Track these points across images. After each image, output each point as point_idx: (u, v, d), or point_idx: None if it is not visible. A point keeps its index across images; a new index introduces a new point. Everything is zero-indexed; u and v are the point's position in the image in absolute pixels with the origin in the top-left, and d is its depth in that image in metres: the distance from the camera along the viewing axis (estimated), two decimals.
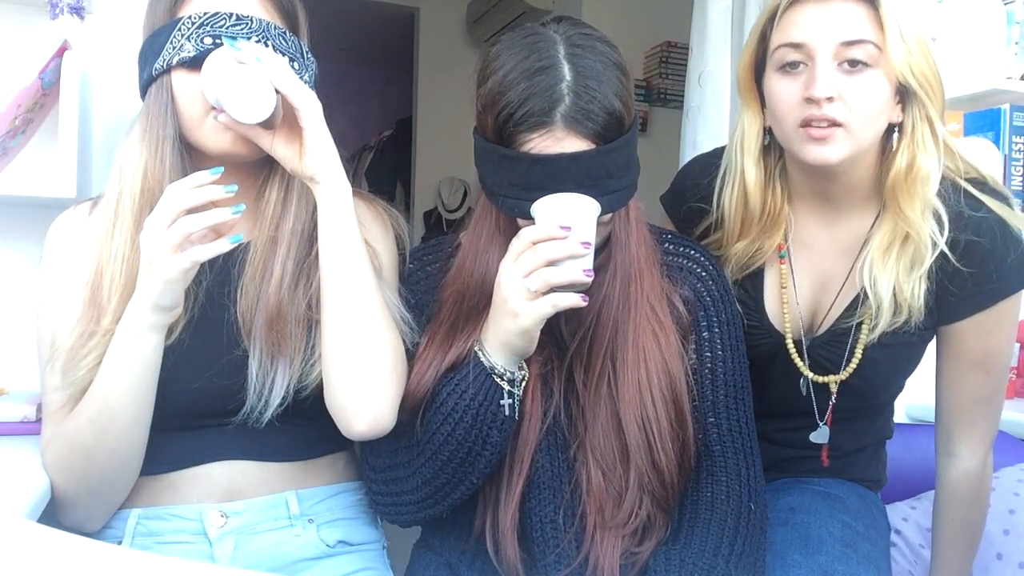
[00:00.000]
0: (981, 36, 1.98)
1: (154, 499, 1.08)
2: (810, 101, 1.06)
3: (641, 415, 1.03)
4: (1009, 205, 1.13)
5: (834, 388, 1.22)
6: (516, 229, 1.02)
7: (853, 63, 1.05)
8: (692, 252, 1.15)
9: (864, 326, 1.17)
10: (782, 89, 1.10)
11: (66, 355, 1.01)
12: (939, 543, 1.27)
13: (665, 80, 3.75)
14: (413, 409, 1.04)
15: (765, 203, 1.20)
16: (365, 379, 1.01)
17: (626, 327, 1.04)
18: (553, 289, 0.93)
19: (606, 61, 0.98)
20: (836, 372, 1.21)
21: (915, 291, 1.11)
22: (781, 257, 1.23)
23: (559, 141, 0.96)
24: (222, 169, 0.92)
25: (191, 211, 0.91)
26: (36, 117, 1.37)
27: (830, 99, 1.04)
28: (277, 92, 0.95)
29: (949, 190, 1.12)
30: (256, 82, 0.94)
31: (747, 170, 1.19)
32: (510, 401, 0.99)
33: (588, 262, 0.95)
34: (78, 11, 1.34)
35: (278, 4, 1.07)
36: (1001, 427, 1.50)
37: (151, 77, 1.03)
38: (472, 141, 1.07)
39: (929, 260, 1.10)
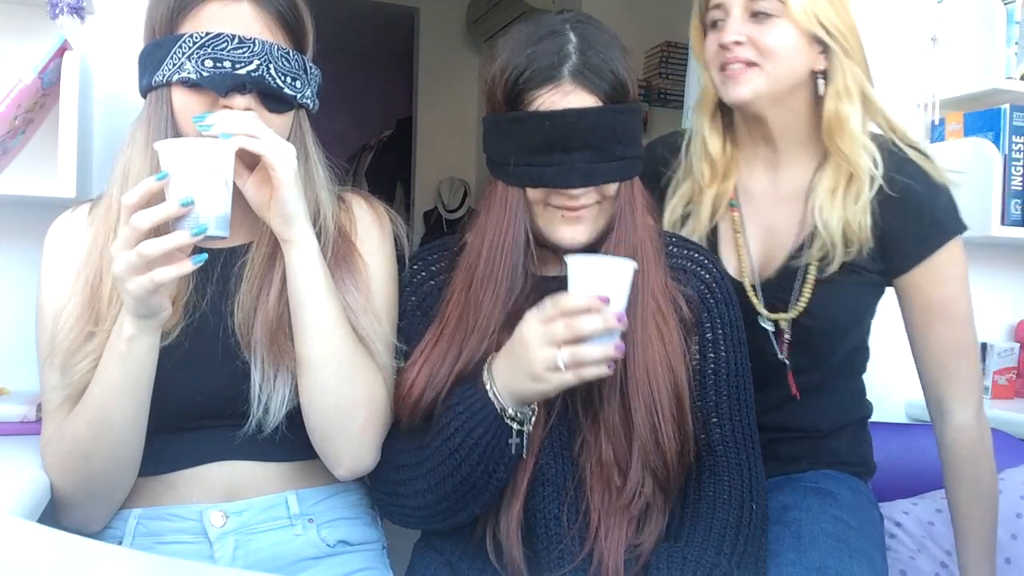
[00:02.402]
0: (981, 36, 1.98)
1: (154, 499, 1.08)
2: (723, 47, 1.22)
3: (648, 394, 1.03)
4: (930, 161, 1.26)
5: (786, 327, 1.28)
6: (525, 209, 1.03)
7: (758, 14, 1.21)
8: (696, 255, 1.16)
9: (812, 267, 1.25)
10: (709, 42, 1.26)
11: (64, 355, 1.01)
12: (957, 515, 1.27)
13: (665, 80, 3.74)
14: (422, 413, 1.03)
15: (724, 151, 1.33)
16: (338, 433, 1.04)
17: (634, 307, 1.04)
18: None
19: (608, 39, 1.03)
20: (786, 311, 1.28)
21: (862, 223, 1.22)
22: (732, 206, 1.33)
23: (567, 95, 0.99)
24: (166, 174, 0.90)
25: (153, 230, 0.89)
26: (36, 117, 1.37)
27: (738, 43, 1.20)
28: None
29: (880, 140, 1.25)
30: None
31: (703, 123, 1.33)
32: (518, 440, 0.98)
33: (618, 332, 0.93)
34: (78, 11, 1.34)
35: (283, 22, 1.05)
36: (1002, 427, 1.49)
37: (150, 86, 1.03)
38: (472, 141, 1.09)
39: (869, 186, 1.21)
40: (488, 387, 0.98)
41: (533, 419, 1.00)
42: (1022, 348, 2.05)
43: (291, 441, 1.07)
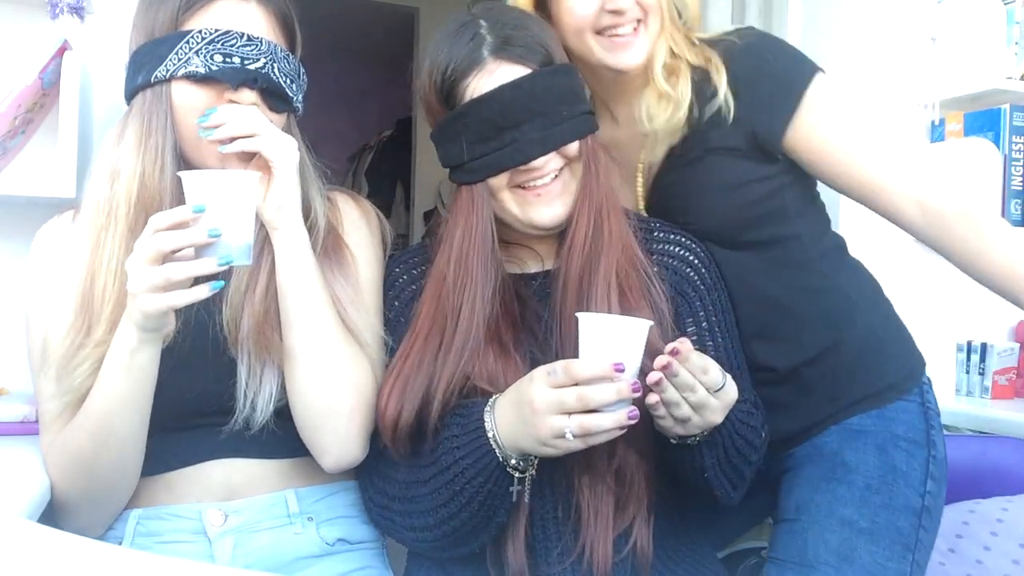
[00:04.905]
0: (981, 36, 1.98)
1: (153, 499, 1.08)
2: (614, 12, 1.12)
3: None
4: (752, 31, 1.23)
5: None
6: (490, 203, 1.02)
7: None
8: (683, 239, 1.15)
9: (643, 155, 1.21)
10: (577, 6, 1.14)
11: (59, 363, 1.00)
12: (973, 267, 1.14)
13: None
14: (404, 439, 1.01)
15: None
16: (325, 423, 1.03)
17: (597, 264, 1.03)
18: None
19: (521, 13, 1.06)
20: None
21: (683, 91, 1.16)
22: None
23: (493, 74, 0.99)
24: (203, 207, 0.91)
25: (174, 253, 0.90)
26: (36, 117, 1.37)
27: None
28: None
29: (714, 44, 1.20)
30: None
31: None
32: (519, 488, 0.96)
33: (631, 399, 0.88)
34: (78, 11, 1.34)
35: (283, 25, 1.08)
36: (1002, 427, 1.48)
37: (147, 83, 1.03)
38: (438, 152, 1.08)
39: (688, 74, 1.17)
40: (491, 435, 0.94)
41: (535, 464, 0.96)
42: (1022, 348, 2.05)
43: (288, 437, 1.07)
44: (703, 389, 0.90)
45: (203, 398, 1.05)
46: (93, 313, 1.01)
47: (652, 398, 0.90)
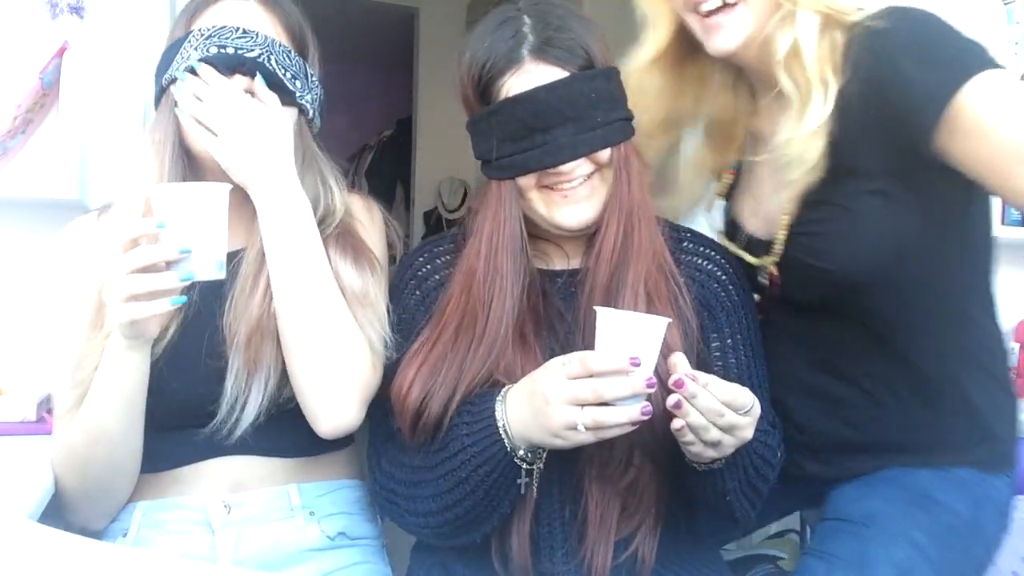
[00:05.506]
0: (981, 36, 1.98)
1: (160, 493, 1.09)
2: None
3: None
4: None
5: (773, 269, 1.12)
6: (518, 200, 1.02)
7: None
8: (712, 253, 1.13)
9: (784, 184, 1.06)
10: None
11: (77, 355, 1.02)
12: None
13: None
14: (430, 429, 1.00)
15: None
16: (321, 385, 1.02)
17: (626, 271, 1.02)
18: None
19: (567, 11, 1.03)
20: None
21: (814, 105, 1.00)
22: (733, 168, 1.22)
23: (531, 74, 0.98)
24: (164, 224, 0.91)
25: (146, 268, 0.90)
26: (36, 117, 1.37)
27: None
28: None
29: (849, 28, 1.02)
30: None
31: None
32: (527, 480, 0.95)
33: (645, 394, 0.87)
34: (78, 11, 1.35)
35: (287, 25, 1.09)
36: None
37: (162, 89, 1.06)
38: (471, 142, 1.08)
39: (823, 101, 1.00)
40: (500, 424, 0.93)
41: (544, 457, 0.95)
42: (1022, 348, 2.05)
43: (293, 437, 1.08)
44: (732, 413, 0.88)
45: (187, 400, 1.05)
46: (105, 313, 1.02)
47: (677, 423, 0.88)
